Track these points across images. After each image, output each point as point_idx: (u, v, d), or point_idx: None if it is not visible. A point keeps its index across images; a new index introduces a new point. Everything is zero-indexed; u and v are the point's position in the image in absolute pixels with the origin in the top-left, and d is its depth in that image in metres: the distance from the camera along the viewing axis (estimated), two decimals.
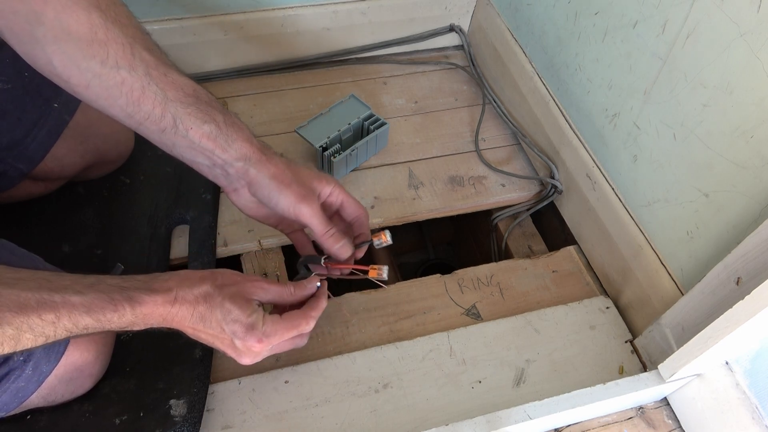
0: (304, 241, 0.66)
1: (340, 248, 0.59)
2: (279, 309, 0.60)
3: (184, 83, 0.54)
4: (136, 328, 0.51)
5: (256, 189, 0.57)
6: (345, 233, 0.61)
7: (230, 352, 0.55)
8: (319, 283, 0.60)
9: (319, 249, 0.64)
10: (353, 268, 0.62)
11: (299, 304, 0.59)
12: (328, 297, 0.62)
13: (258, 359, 0.56)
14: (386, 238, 0.62)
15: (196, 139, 0.54)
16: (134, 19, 0.53)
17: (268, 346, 0.55)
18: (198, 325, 0.52)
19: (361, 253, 0.63)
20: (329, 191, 0.60)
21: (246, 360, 0.55)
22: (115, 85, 0.51)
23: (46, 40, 0.49)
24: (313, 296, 0.60)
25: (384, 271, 0.62)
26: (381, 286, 0.63)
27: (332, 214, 0.63)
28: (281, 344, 0.57)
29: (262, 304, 0.56)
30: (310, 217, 0.57)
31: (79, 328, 0.46)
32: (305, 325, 0.57)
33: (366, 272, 0.62)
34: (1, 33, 0.49)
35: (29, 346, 0.45)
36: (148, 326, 0.51)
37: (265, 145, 0.58)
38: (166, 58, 0.54)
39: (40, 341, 0.45)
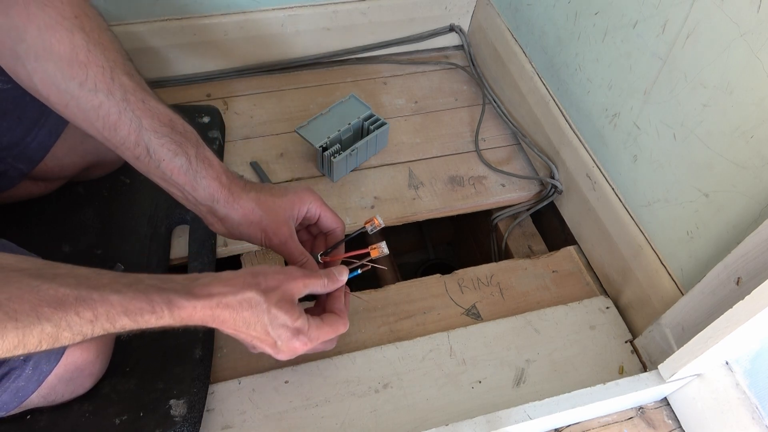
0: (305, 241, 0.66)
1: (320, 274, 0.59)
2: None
3: (160, 112, 0.53)
4: (174, 327, 0.49)
5: (228, 227, 0.58)
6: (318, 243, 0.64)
7: (269, 350, 0.55)
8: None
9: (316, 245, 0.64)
10: (350, 256, 0.62)
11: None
12: (383, 268, 0.64)
13: (294, 356, 0.56)
14: (378, 222, 0.62)
15: (167, 172, 0.54)
16: (118, 44, 0.53)
17: (308, 348, 0.55)
18: (241, 327, 0.51)
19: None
20: (305, 210, 0.60)
21: (283, 356, 0.55)
22: (92, 108, 0.51)
23: (28, 57, 0.49)
24: (342, 292, 0.60)
25: (383, 246, 0.61)
26: (382, 268, 0.63)
27: (309, 225, 0.64)
28: (318, 346, 0.58)
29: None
30: (283, 250, 0.58)
31: (116, 327, 0.45)
32: (343, 328, 0.58)
33: (363, 256, 0.62)
34: None
35: (66, 344, 0.43)
36: (186, 327, 0.50)
37: (234, 180, 0.57)
38: (145, 84, 0.54)
39: (78, 339, 0.43)
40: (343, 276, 0.59)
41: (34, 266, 0.43)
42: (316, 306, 0.61)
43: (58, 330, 0.41)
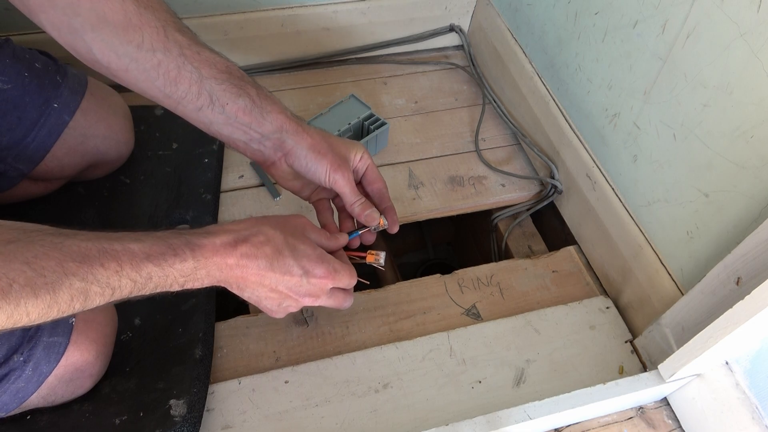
0: (325, 208, 0.66)
1: (368, 215, 0.61)
2: None
3: (216, 60, 0.56)
4: (197, 283, 0.49)
5: (293, 160, 0.59)
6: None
7: (293, 294, 0.54)
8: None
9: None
10: (350, 255, 0.63)
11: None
12: (366, 283, 0.64)
13: (316, 301, 0.56)
14: (383, 222, 0.63)
15: (232, 114, 0.56)
16: (165, 4, 0.55)
17: (331, 283, 0.55)
18: (263, 267, 0.51)
19: (372, 237, 0.64)
20: (359, 157, 0.61)
21: (307, 300, 0.55)
22: (152, 68, 0.53)
23: (84, 29, 0.51)
24: (342, 256, 0.61)
25: (381, 257, 0.64)
26: (381, 269, 0.64)
27: (357, 182, 0.64)
28: (337, 292, 0.58)
29: None
30: (343, 186, 0.59)
31: (142, 276, 0.45)
32: (354, 277, 0.59)
33: (363, 258, 0.64)
34: (43, 26, 0.52)
35: (98, 303, 0.44)
36: (209, 280, 0.50)
37: (299, 117, 0.59)
38: (197, 37, 0.56)
39: (107, 294, 0.44)
40: (343, 238, 0.61)
41: (54, 228, 0.44)
42: None
43: (86, 284, 0.42)
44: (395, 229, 0.64)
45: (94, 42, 0.52)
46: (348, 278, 0.57)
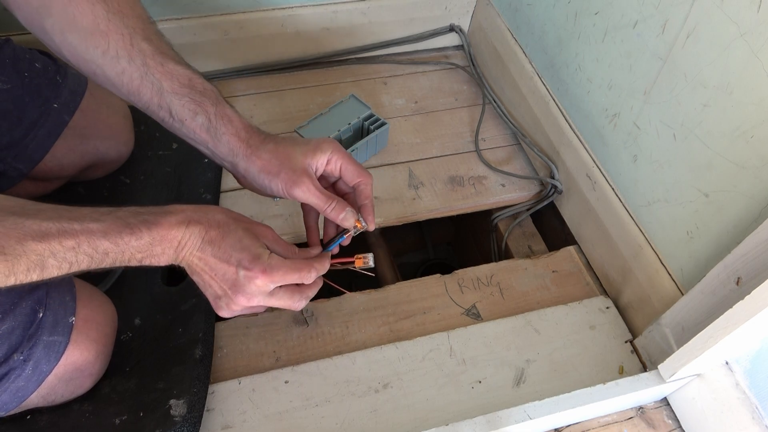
0: (310, 209, 0.65)
1: (342, 219, 0.58)
2: None
3: (179, 73, 0.55)
4: (154, 260, 0.50)
5: (251, 181, 0.59)
6: (348, 202, 0.59)
7: (228, 288, 0.53)
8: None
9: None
10: (337, 262, 0.61)
11: None
12: (343, 292, 0.62)
13: (252, 302, 0.53)
14: (360, 224, 0.60)
15: (190, 130, 0.56)
16: (139, 8, 0.55)
17: (269, 282, 0.53)
18: (206, 250, 0.51)
19: (346, 242, 0.62)
20: (325, 160, 0.58)
21: (242, 298, 0.53)
22: (116, 75, 0.53)
23: (54, 31, 0.51)
24: (316, 257, 0.59)
25: (370, 259, 0.61)
26: (371, 275, 0.63)
27: (336, 181, 0.62)
28: (280, 293, 0.55)
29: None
30: (306, 198, 0.56)
31: (99, 252, 0.47)
32: (307, 273, 0.55)
33: (352, 263, 0.62)
34: (22, 22, 0.52)
35: (55, 274, 0.46)
36: (166, 258, 0.51)
37: (253, 134, 0.58)
38: (166, 47, 0.56)
39: (65, 267, 0.46)
40: (315, 250, 0.59)
41: (18, 204, 0.45)
42: None
43: (42, 258, 0.44)
44: (372, 227, 0.61)
45: (63, 45, 0.52)
46: (285, 277, 0.54)
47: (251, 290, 0.53)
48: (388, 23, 1.02)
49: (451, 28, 1.06)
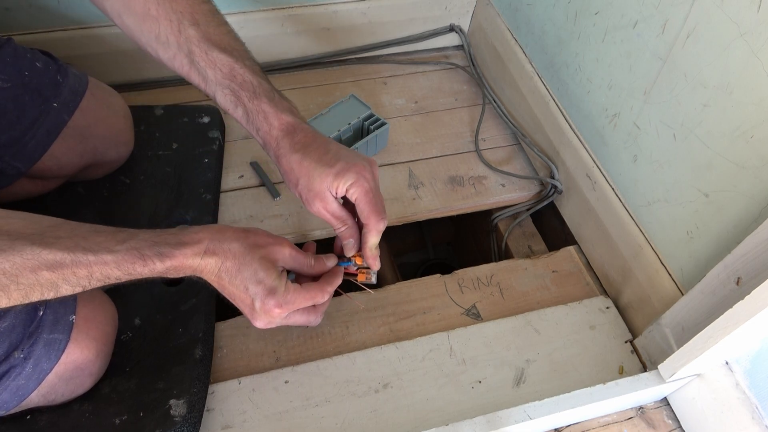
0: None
1: (345, 245, 0.61)
2: (297, 278, 0.62)
3: (222, 62, 0.56)
4: (170, 276, 0.52)
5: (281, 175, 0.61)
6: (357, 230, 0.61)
7: (247, 312, 0.56)
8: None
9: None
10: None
11: (316, 279, 0.61)
12: (338, 293, 0.64)
13: (271, 325, 0.57)
14: (360, 260, 0.64)
15: (234, 120, 0.59)
16: None
17: (284, 312, 0.55)
18: (223, 278, 0.53)
19: (351, 269, 0.65)
20: (344, 189, 0.56)
21: (260, 323, 0.56)
22: (169, 60, 0.55)
23: (113, 13, 0.54)
24: (329, 273, 0.62)
25: (372, 277, 0.65)
26: (369, 291, 0.65)
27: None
28: (296, 316, 0.58)
29: (285, 270, 0.57)
30: (320, 214, 0.59)
31: (111, 279, 0.48)
32: (320, 297, 0.58)
33: (355, 275, 0.65)
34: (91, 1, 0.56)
35: (68, 294, 0.47)
36: (180, 276, 0.52)
37: (286, 136, 0.57)
38: (213, 30, 0.56)
39: (78, 290, 0.48)
40: (331, 262, 0.61)
41: (37, 230, 0.46)
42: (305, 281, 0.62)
43: (56, 288, 0.46)
44: (374, 269, 0.63)
45: (123, 27, 0.55)
46: (300, 305, 0.56)
47: (268, 319, 0.56)
48: (388, 23, 1.02)
49: (451, 28, 1.06)
